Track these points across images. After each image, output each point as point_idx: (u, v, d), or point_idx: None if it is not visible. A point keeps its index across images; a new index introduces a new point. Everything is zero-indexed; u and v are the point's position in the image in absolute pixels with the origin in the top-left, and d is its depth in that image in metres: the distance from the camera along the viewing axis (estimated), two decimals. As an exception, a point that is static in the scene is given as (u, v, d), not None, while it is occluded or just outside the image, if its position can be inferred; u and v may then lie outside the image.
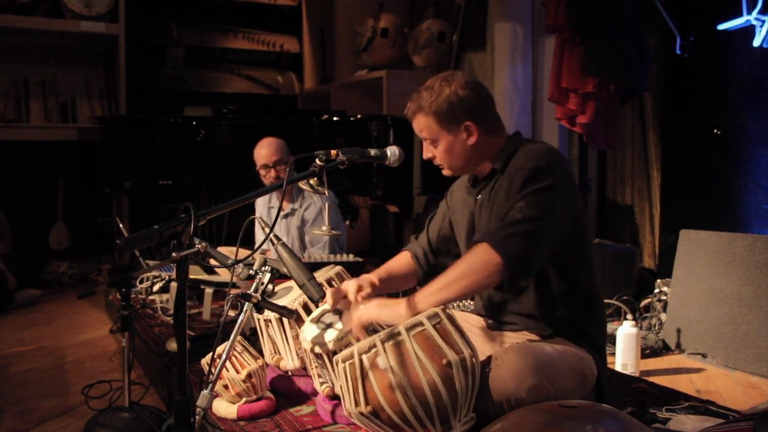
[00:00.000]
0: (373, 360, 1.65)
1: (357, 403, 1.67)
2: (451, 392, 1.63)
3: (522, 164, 1.83)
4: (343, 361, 1.69)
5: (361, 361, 1.66)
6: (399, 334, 1.66)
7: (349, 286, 1.92)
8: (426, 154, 1.99)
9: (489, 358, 1.78)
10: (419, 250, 2.19)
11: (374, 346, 1.66)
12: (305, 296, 2.03)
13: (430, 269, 2.17)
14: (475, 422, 1.69)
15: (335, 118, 4.36)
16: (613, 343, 2.68)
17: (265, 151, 3.41)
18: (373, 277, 1.99)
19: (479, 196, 1.99)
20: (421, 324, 1.67)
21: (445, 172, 2.00)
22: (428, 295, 1.75)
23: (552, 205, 1.78)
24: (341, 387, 1.73)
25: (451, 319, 1.72)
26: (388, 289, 2.08)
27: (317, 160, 1.93)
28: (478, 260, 1.73)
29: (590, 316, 1.95)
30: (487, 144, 1.94)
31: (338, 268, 2.31)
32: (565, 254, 1.88)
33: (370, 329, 1.90)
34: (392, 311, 1.77)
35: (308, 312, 2.14)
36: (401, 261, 2.19)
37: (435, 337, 1.66)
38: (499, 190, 1.88)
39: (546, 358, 1.75)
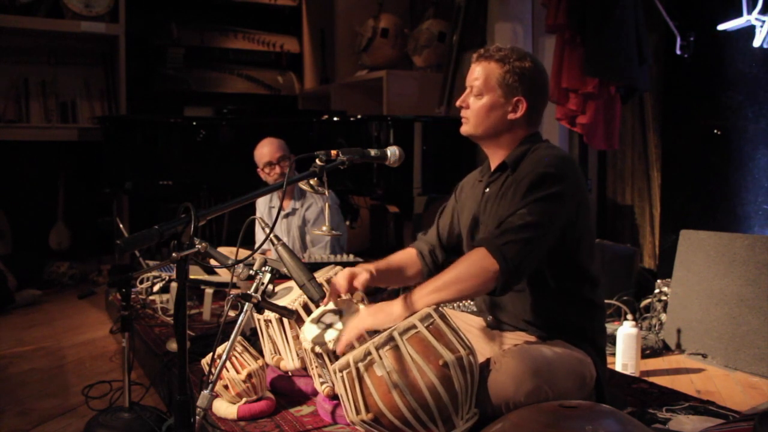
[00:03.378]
0: (369, 367, 1.65)
1: (358, 411, 1.67)
2: (451, 392, 1.63)
3: (531, 169, 1.82)
4: (340, 371, 1.69)
5: (357, 369, 1.66)
6: (393, 339, 1.65)
7: (339, 278, 1.90)
8: (460, 101, 1.97)
9: (488, 360, 1.78)
10: (425, 247, 2.17)
11: (369, 353, 1.65)
12: (305, 296, 2.03)
13: (435, 267, 2.14)
14: (479, 417, 1.69)
15: (335, 119, 4.36)
16: (613, 344, 2.68)
17: (267, 149, 3.43)
18: (371, 266, 1.98)
19: (487, 189, 1.98)
20: (414, 327, 1.67)
21: (465, 128, 1.97)
22: (423, 296, 1.75)
23: (554, 214, 1.77)
24: (341, 396, 1.73)
25: (444, 319, 1.71)
26: (386, 282, 2.07)
27: (317, 161, 1.93)
28: (476, 265, 1.73)
29: (590, 318, 1.95)
30: (519, 129, 1.94)
31: (338, 268, 2.30)
32: (572, 260, 1.88)
33: (372, 332, 1.90)
34: (386, 315, 1.76)
35: (308, 312, 2.14)
36: (404, 256, 2.17)
37: (429, 339, 1.66)
38: (507, 191, 1.88)
39: (544, 362, 1.74)
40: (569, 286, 1.90)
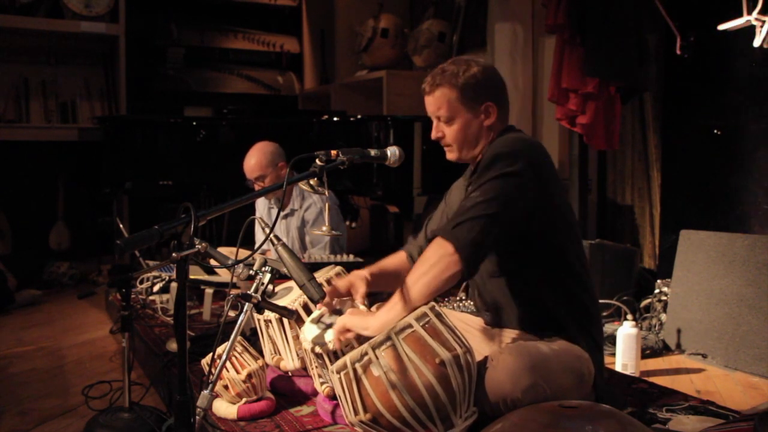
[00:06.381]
0: (367, 368, 1.65)
1: (356, 412, 1.68)
2: (449, 391, 1.63)
3: (488, 154, 1.84)
4: (338, 372, 1.69)
5: (354, 370, 1.66)
6: (389, 338, 1.65)
7: (341, 287, 1.94)
8: (435, 134, 1.96)
9: (485, 359, 1.78)
10: (415, 250, 2.18)
11: (366, 353, 1.65)
12: (305, 296, 2.03)
13: None
14: (478, 416, 1.69)
15: (335, 119, 4.36)
16: (614, 344, 2.68)
17: (250, 163, 3.37)
18: (365, 272, 2.00)
19: (469, 188, 1.99)
20: (410, 326, 1.67)
21: (451, 155, 1.98)
22: (394, 305, 1.75)
23: (509, 190, 1.76)
24: (339, 397, 1.73)
25: (440, 317, 1.72)
26: (381, 286, 2.08)
27: (317, 161, 1.94)
28: (433, 254, 1.74)
29: (585, 314, 1.95)
30: (496, 127, 1.95)
31: (338, 268, 2.31)
32: (551, 249, 1.89)
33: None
34: (362, 321, 1.78)
35: (308, 312, 2.14)
36: (395, 259, 2.20)
37: (426, 338, 1.66)
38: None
39: (542, 358, 1.74)
40: (556, 280, 1.91)
